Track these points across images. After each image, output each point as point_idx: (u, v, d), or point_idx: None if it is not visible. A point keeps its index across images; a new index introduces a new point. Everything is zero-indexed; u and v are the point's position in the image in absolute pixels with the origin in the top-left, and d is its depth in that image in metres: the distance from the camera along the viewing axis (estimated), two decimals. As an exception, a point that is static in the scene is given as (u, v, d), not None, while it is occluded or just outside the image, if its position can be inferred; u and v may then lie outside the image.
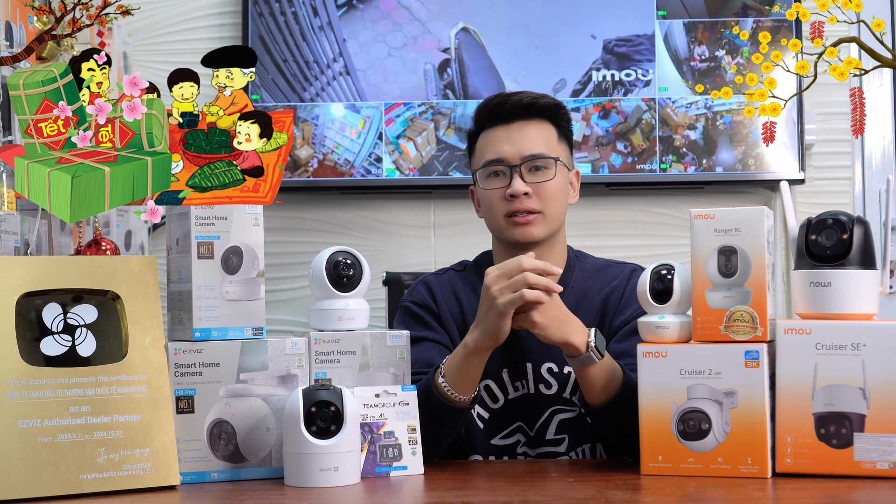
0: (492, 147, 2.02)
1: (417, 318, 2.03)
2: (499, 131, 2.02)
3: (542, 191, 1.98)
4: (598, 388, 1.76)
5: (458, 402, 1.78)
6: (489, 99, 2.05)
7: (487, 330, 1.73)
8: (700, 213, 1.65)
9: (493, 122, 2.03)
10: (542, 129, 2.03)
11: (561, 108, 2.06)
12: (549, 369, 1.97)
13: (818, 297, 1.62)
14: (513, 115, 2.02)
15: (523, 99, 2.02)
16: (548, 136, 2.03)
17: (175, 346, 1.67)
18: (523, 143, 2.00)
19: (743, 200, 3.25)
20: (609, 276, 2.05)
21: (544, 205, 1.98)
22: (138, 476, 1.57)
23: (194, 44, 3.35)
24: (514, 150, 1.99)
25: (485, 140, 2.04)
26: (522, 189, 1.96)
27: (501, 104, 2.02)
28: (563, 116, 2.06)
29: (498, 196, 1.99)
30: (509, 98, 2.03)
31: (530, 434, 1.98)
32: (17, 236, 2.18)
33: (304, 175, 3.21)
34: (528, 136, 2.01)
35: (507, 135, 2.01)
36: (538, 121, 2.03)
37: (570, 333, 1.73)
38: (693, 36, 3.19)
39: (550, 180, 1.99)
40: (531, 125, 2.02)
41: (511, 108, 2.02)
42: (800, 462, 1.60)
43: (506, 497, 1.52)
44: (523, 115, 2.02)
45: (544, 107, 2.03)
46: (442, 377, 1.78)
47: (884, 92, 3.28)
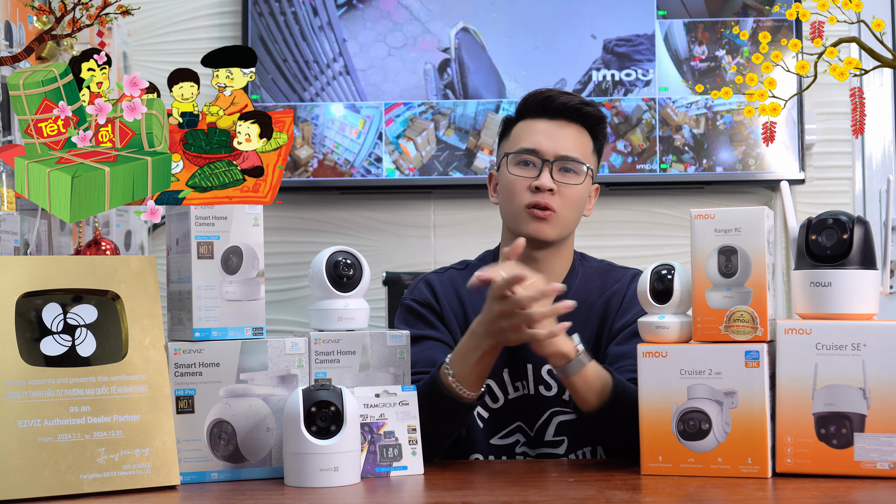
0: (530, 136, 2.02)
1: (419, 316, 2.03)
2: (540, 123, 2.03)
3: (566, 192, 1.99)
4: (590, 394, 1.75)
5: (465, 398, 1.78)
6: (539, 91, 2.06)
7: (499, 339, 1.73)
8: (700, 213, 1.65)
9: (537, 113, 2.04)
10: (582, 136, 2.04)
11: (604, 121, 2.08)
12: (549, 371, 1.97)
13: (818, 297, 1.62)
14: (558, 113, 2.03)
15: (573, 101, 2.04)
16: (585, 143, 2.05)
17: (175, 346, 1.67)
18: (561, 141, 2.01)
19: (743, 200, 3.25)
20: (611, 279, 2.06)
21: (563, 207, 1.99)
22: (138, 476, 1.57)
23: (194, 43, 3.35)
24: (551, 145, 2.00)
25: (524, 128, 2.05)
26: (549, 184, 1.97)
27: (551, 99, 2.03)
28: (601, 130, 2.08)
29: (524, 185, 2.00)
30: (560, 96, 2.04)
31: (530, 434, 1.98)
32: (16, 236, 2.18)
33: (303, 175, 3.21)
34: (568, 137, 2.02)
35: (547, 129, 2.02)
36: (579, 126, 2.05)
37: (560, 343, 1.72)
38: (693, 36, 3.19)
39: (577, 185, 2.00)
40: (572, 128, 2.04)
41: (559, 106, 2.03)
42: (800, 462, 1.60)
43: (506, 497, 1.52)
44: (568, 116, 2.04)
45: (589, 115, 2.05)
46: (449, 373, 1.77)
47: (884, 92, 3.28)
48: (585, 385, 1.75)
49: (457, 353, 1.79)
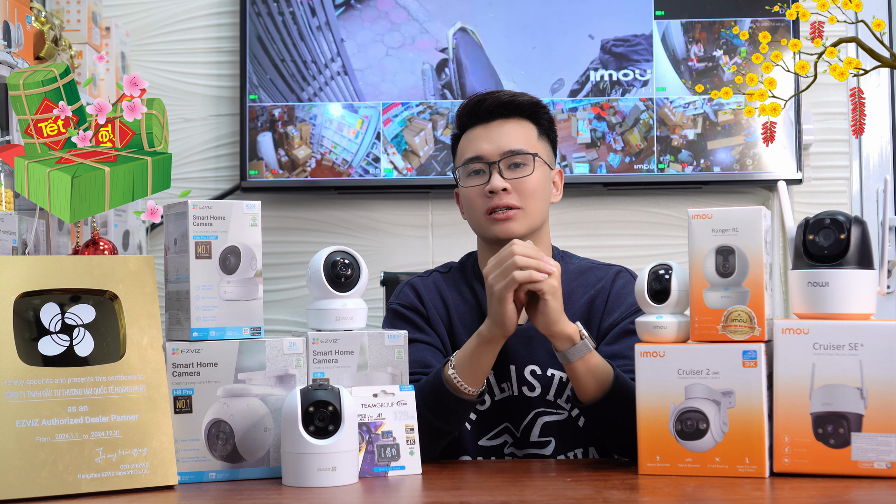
0: (471, 145, 2.03)
1: (406, 320, 2.03)
2: (478, 130, 2.03)
3: (520, 187, 1.99)
4: (590, 382, 1.76)
5: (467, 394, 1.79)
6: (468, 99, 2.07)
7: (494, 318, 1.76)
8: (698, 212, 1.65)
9: (472, 121, 2.05)
10: (521, 127, 2.04)
11: (540, 105, 2.07)
12: (532, 371, 1.97)
13: (816, 297, 1.62)
14: (491, 114, 2.03)
15: (501, 97, 2.04)
16: (527, 133, 2.04)
17: (173, 345, 1.67)
18: (501, 139, 2.01)
19: (740, 200, 3.25)
20: (593, 278, 2.05)
21: (524, 201, 1.98)
22: (136, 476, 1.57)
23: (192, 43, 3.35)
24: (492, 146, 2.00)
25: (465, 140, 2.05)
26: (501, 185, 1.97)
27: (480, 103, 2.04)
28: (542, 115, 2.07)
29: (478, 193, 2.00)
30: (487, 97, 2.04)
31: (516, 435, 1.98)
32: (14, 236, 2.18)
33: (301, 175, 3.22)
34: (507, 133, 2.02)
35: (486, 133, 2.02)
36: (517, 119, 2.04)
37: (564, 324, 1.76)
38: (691, 36, 3.19)
39: (529, 176, 1.99)
40: (510, 123, 2.03)
41: (489, 107, 2.03)
42: (797, 462, 1.60)
43: (503, 497, 1.52)
44: (502, 114, 2.03)
45: (523, 104, 2.04)
46: (452, 369, 1.79)
47: (881, 92, 3.28)
48: (587, 372, 1.76)
49: (460, 351, 1.81)
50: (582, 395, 1.79)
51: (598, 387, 1.77)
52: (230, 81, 3.33)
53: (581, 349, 1.75)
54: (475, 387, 1.80)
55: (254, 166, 3.22)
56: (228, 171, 3.32)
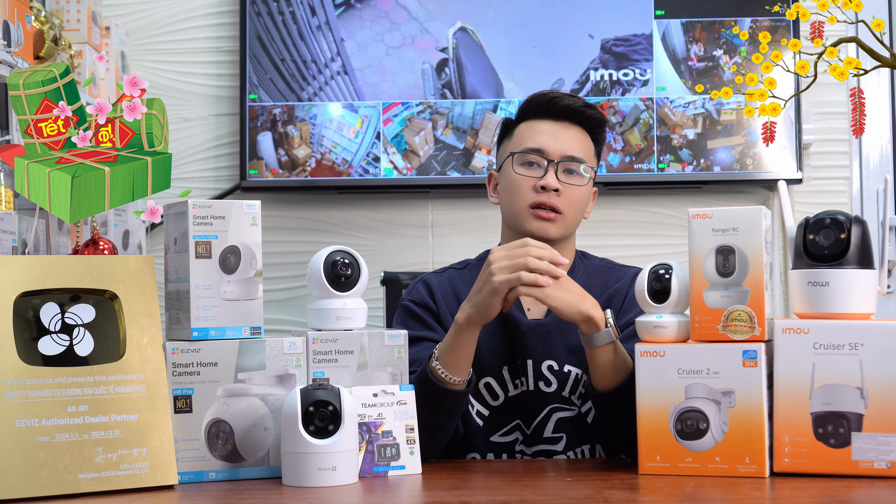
0: (535, 136, 2.04)
1: (416, 318, 2.04)
2: (544, 124, 2.05)
3: (570, 193, 2.01)
4: (609, 370, 1.77)
5: (451, 384, 1.79)
6: (543, 92, 2.08)
7: (478, 304, 1.76)
8: (698, 212, 1.65)
9: (541, 114, 2.06)
10: (584, 138, 2.07)
11: (604, 124, 2.10)
12: (549, 367, 1.97)
13: (816, 297, 1.62)
14: (562, 114, 2.05)
15: (576, 103, 2.06)
16: (587, 145, 2.07)
17: (173, 345, 1.67)
18: (566, 142, 2.03)
19: (741, 200, 3.25)
20: (613, 277, 2.07)
21: (567, 207, 2.00)
22: (136, 476, 1.57)
23: (192, 43, 3.35)
24: (557, 146, 2.02)
25: (528, 128, 2.06)
26: (555, 184, 1.98)
27: (556, 100, 2.05)
28: (602, 133, 2.10)
29: (528, 184, 2.01)
30: (564, 97, 2.06)
31: (527, 432, 1.99)
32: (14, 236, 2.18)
33: (301, 175, 3.21)
34: (572, 138, 2.04)
35: (552, 130, 2.04)
36: (581, 129, 2.07)
37: (591, 307, 1.76)
38: (691, 35, 3.19)
39: (581, 186, 2.02)
40: (575, 129, 2.06)
41: (563, 108, 2.05)
42: (797, 462, 1.60)
43: (504, 497, 1.52)
44: (571, 118, 2.05)
45: (591, 118, 2.07)
46: (435, 360, 1.80)
47: (881, 91, 3.28)
48: (608, 361, 1.77)
49: (442, 342, 1.83)
50: (598, 383, 1.80)
51: (615, 377, 1.78)
52: (230, 81, 3.33)
53: (604, 337, 1.75)
54: (460, 375, 1.80)
55: (254, 166, 3.21)
56: (228, 171, 3.32)
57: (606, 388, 1.79)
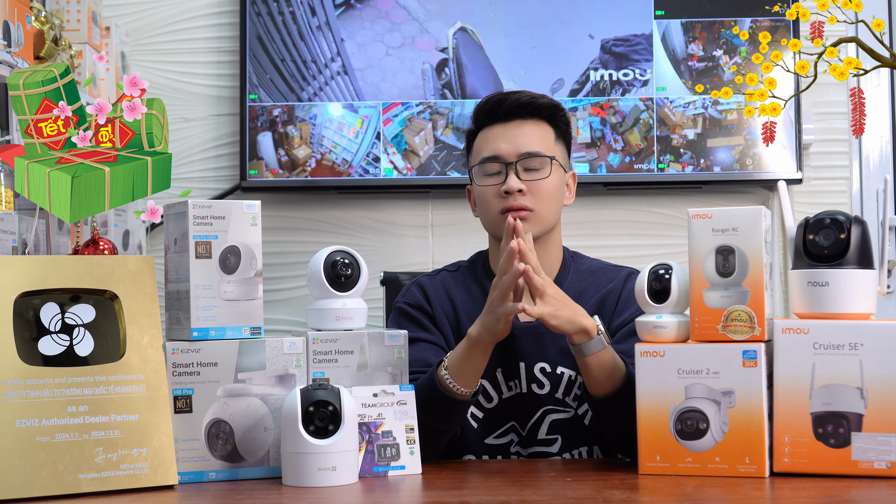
0: (488, 144, 2.03)
1: (412, 319, 2.04)
2: (496, 129, 2.03)
3: (536, 189, 1.99)
4: (603, 377, 1.77)
5: (459, 394, 1.79)
6: (488, 97, 2.06)
7: (487, 325, 1.77)
8: (698, 212, 1.66)
9: (490, 119, 2.04)
10: (539, 129, 2.04)
11: (559, 108, 2.07)
12: (541, 369, 1.97)
13: (816, 297, 1.62)
14: (511, 114, 2.03)
15: (521, 98, 2.03)
16: (544, 135, 2.04)
17: (173, 345, 1.67)
18: (520, 140, 2.01)
19: (741, 200, 3.25)
20: (605, 278, 2.06)
21: (538, 203, 1.99)
22: (136, 476, 1.57)
23: (192, 43, 3.35)
24: (510, 147, 2.00)
25: (482, 138, 2.05)
26: (517, 186, 1.97)
27: (500, 102, 2.04)
28: (560, 117, 2.07)
29: (493, 193, 2.00)
30: (508, 96, 2.04)
31: (522, 434, 1.99)
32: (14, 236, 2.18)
33: (301, 175, 3.21)
34: (525, 135, 2.02)
35: (504, 132, 2.02)
36: (535, 120, 2.04)
37: (583, 317, 1.76)
38: (691, 36, 3.19)
39: (545, 179, 2.00)
40: (528, 124, 2.03)
41: (509, 107, 2.03)
42: (797, 462, 1.60)
43: (503, 497, 1.52)
44: (521, 114, 2.03)
45: (542, 107, 2.04)
46: (445, 370, 1.79)
47: (881, 92, 3.28)
48: (601, 367, 1.77)
49: (453, 351, 1.82)
50: (593, 390, 1.80)
51: (611, 382, 1.78)
52: (230, 81, 3.33)
53: (595, 345, 1.76)
54: (468, 387, 1.80)
55: (254, 166, 3.22)
56: (228, 171, 3.32)
57: (604, 394, 1.79)
